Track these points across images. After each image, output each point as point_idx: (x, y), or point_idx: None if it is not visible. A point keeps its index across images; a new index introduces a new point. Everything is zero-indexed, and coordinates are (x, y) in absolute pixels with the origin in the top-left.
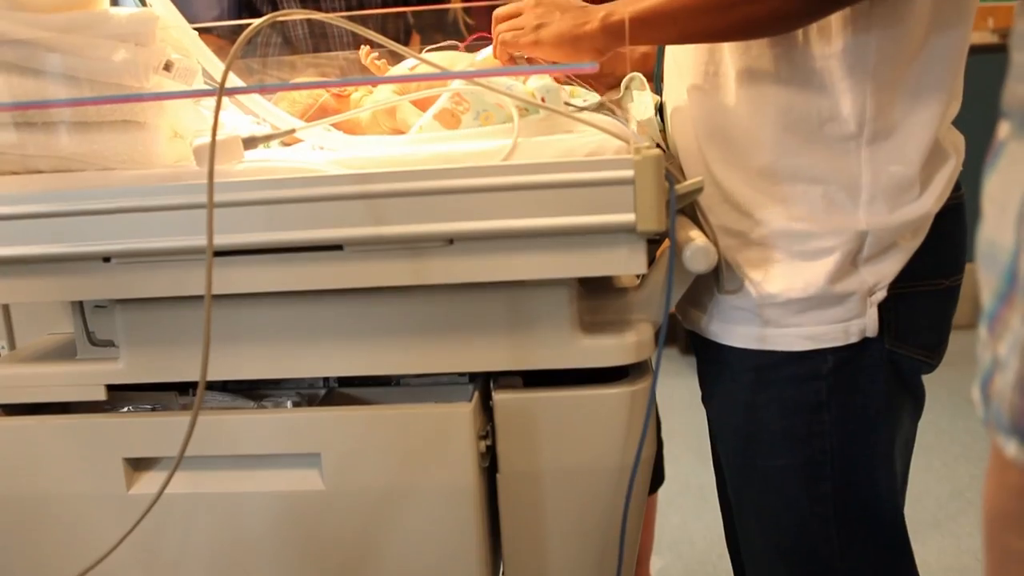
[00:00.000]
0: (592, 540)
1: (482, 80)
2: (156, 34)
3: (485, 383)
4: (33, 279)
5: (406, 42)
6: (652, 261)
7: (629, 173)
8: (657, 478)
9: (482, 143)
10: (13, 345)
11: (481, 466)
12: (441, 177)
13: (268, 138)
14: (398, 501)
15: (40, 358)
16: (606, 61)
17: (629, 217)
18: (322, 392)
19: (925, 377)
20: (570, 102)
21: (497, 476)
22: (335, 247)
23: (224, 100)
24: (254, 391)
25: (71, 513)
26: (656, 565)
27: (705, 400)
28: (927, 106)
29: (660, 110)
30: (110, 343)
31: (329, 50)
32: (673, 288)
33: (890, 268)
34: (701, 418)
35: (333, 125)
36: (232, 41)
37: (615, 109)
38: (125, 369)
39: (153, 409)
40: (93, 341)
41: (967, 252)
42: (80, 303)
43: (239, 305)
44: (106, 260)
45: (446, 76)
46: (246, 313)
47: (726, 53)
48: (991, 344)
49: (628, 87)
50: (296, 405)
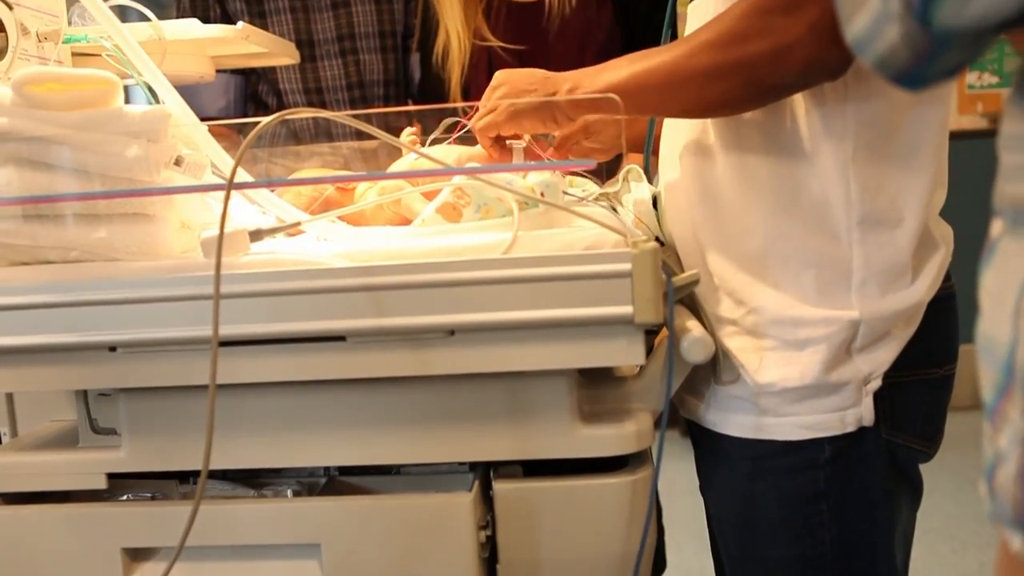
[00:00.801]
0: None
1: (483, 175)
2: (168, 130)
3: (485, 472)
4: (39, 368)
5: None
6: (651, 350)
7: (627, 266)
8: (659, 565)
9: (483, 236)
10: (15, 432)
11: (481, 556)
12: (442, 270)
13: (274, 231)
14: None
15: (41, 446)
16: (592, 124)
17: (627, 309)
18: (322, 481)
19: (929, 461)
20: (569, 192)
21: (497, 566)
22: (338, 338)
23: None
24: (254, 479)
25: None
26: None
27: (703, 489)
28: (914, 190)
29: (656, 199)
30: (112, 431)
31: (332, 140)
32: (672, 378)
33: (884, 357)
34: (703, 503)
35: (338, 216)
36: (238, 128)
37: (613, 200)
38: (127, 458)
39: (152, 497)
40: (95, 429)
41: (959, 342)
42: (84, 391)
43: (241, 394)
44: (112, 349)
45: (448, 172)
46: (248, 402)
47: (715, 138)
48: (993, 437)
49: (625, 178)
50: (296, 494)
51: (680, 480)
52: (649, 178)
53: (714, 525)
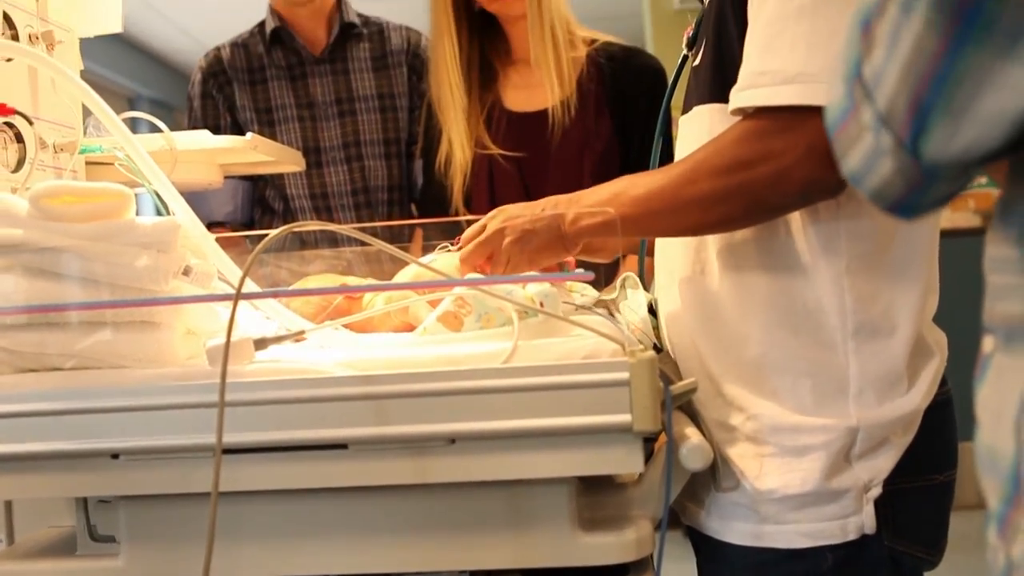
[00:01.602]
0: None
1: (484, 286)
2: (177, 241)
3: None
4: (41, 475)
5: (411, 238)
6: (651, 456)
7: (624, 375)
8: None
9: (483, 345)
10: (12, 539)
11: None
12: (443, 379)
13: (279, 340)
14: None
15: (38, 553)
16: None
17: (626, 418)
18: None
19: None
20: (568, 300)
21: None
22: (339, 446)
23: None
24: None
25: None
26: None
27: None
28: (907, 299)
29: (653, 306)
30: (111, 539)
31: (337, 244)
32: (671, 485)
33: (884, 464)
34: None
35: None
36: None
37: (611, 307)
38: (126, 566)
39: None
40: (94, 536)
41: (958, 447)
42: (84, 497)
43: (242, 502)
44: (115, 457)
45: (450, 284)
46: (248, 510)
47: (712, 250)
48: (1003, 547)
49: (623, 286)
50: None
51: None
52: (645, 283)
53: None
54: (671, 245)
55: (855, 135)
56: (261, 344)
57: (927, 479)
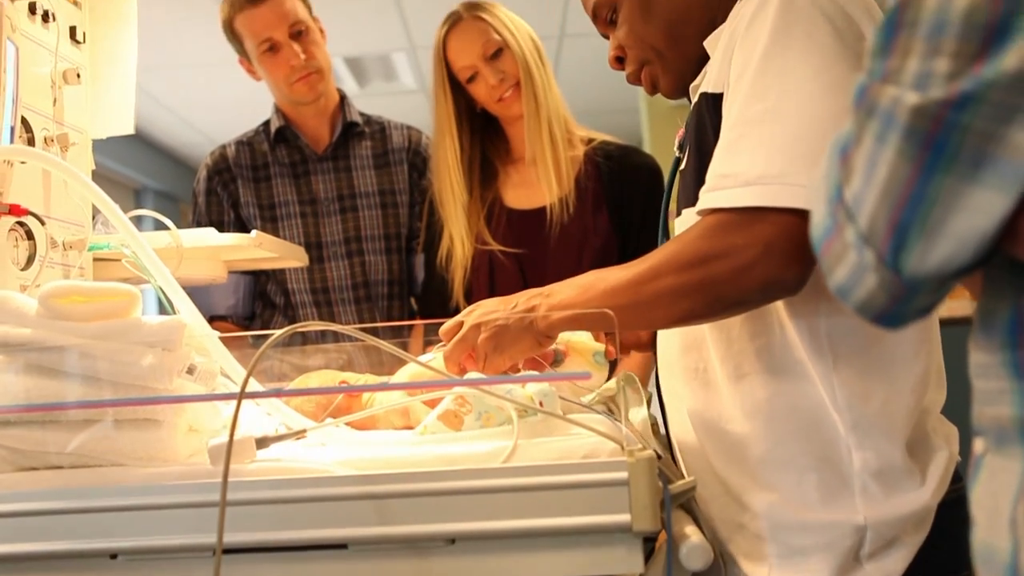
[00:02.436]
0: None
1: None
2: (183, 340)
3: None
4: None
5: (411, 330)
6: (652, 554)
7: (623, 475)
8: None
9: (483, 445)
10: None
11: None
12: (443, 479)
13: (280, 438)
14: None
15: None
16: None
17: (625, 518)
18: None
19: None
20: (567, 398)
21: None
22: (340, 545)
23: None
24: None
25: None
26: None
27: None
28: (902, 394)
29: (654, 399)
30: None
31: (338, 340)
32: None
33: (895, 565)
34: None
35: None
36: (246, 327)
37: (611, 406)
38: None
39: None
40: None
41: None
42: None
43: None
44: (113, 557)
45: (451, 383)
46: None
47: (710, 347)
48: None
49: (624, 386)
50: None
51: None
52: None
53: None
54: (670, 342)
55: (840, 253)
56: (263, 443)
57: None
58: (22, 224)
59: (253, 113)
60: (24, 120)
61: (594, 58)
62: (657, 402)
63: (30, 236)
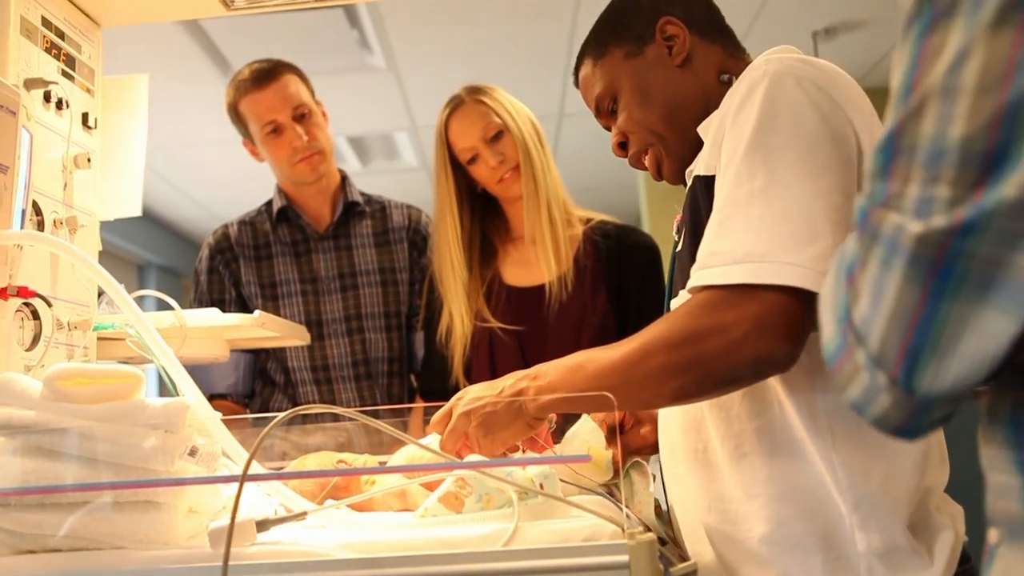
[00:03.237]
0: None
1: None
2: (185, 422)
3: None
4: None
5: (411, 410)
6: None
7: (624, 558)
8: None
9: (483, 527)
10: None
11: None
12: (445, 562)
13: (281, 521)
14: None
15: None
16: None
17: None
18: None
19: None
20: (567, 480)
21: None
22: None
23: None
24: None
25: None
26: None
27: None
28: (902, 474)
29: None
30: None
31: (337, 419)
32: None
33: None
34: None
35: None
36: (246, 405)
37: (611, 488)
38: None
39: None
40: None
41: None
42: None
43: None
44: None
45: (451, 467)
46: None
47: (711, 430)
48: None
49: (628, 472)
50: None
51: None
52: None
53: None
54: (672, 423)
55: (852, 373)
56: (263, 525)
57: None
58: (28, 304)
59: (255, 190)
60: (35, 203)
61: (593, 136)
62: (660, 482)
63: (36, 316)
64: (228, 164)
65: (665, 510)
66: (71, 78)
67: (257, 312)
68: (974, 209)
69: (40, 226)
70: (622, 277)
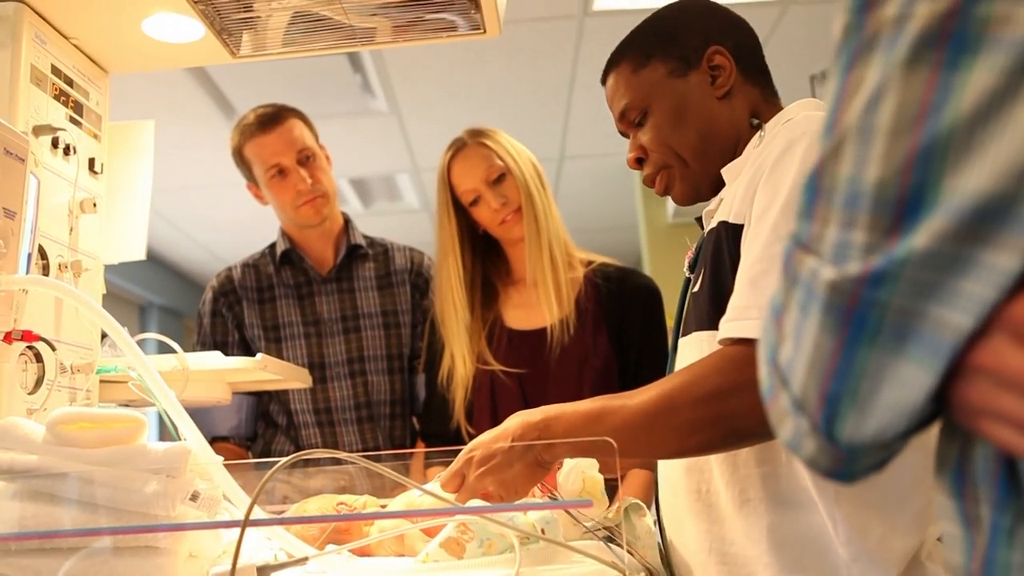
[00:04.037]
0: None
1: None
2: (187, 467)
3: None
4: None
5: (413, 447)
6: None
7: None
8: None
9: (485, 573)
10: None
11: None
12: None
13: (281, 566)
14: None
15: None
16: None
17: None
18: None
19: None
20: (571, 514)
21: None
22: None
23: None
24: None
25: None
26: None
27: None
28: (901, 529)
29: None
30: None
31: (339, 462)
32: None
33: None
34: None
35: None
36: (248, 447)
37: (613, 532)
38: None
39: None
40: None
41: None
42: None
43: None
44: None
45: (452, 512)
46: None
47: (716, 473)
48: None
49: (628, 513)
50: None
51: None
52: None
53: None
54: (674, 462)
55: (780, 415)
56: (264, 571)
57: None
58: (32, 347)
59: (257, 233)
60: (41, 248)
61: (593, 178)
62: (656, 521)
63: (39, 359)
64: (231, 207)
65: (662, 548)
66: (79, 124)
67: (259, 355)
68: (885, 259)
69: (45, 270)
70: (623, 320)
